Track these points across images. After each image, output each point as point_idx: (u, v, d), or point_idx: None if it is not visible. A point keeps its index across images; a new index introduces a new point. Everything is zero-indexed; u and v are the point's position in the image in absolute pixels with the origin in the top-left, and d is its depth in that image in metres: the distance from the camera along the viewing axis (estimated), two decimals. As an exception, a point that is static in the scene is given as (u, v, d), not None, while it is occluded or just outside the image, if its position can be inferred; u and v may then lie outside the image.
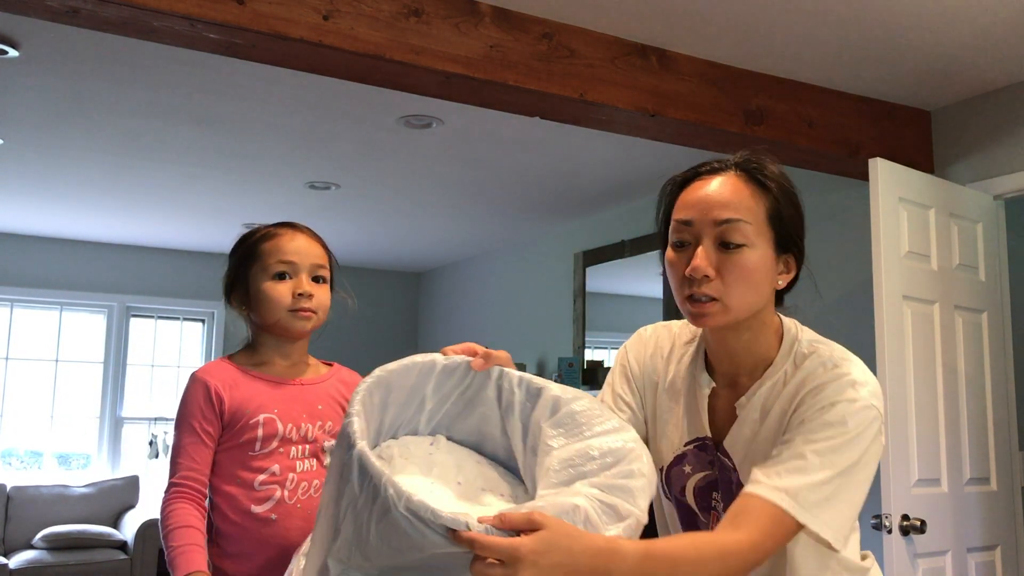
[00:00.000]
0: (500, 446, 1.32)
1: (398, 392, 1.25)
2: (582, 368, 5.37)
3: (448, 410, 1.31)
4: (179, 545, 1.58)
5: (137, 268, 6.78)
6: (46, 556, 5.49)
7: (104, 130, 4.05)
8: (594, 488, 1.14)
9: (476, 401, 1.31)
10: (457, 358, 1.30)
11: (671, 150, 3.94)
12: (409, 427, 1.30)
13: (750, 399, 1.34)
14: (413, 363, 1.26)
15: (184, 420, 1.69)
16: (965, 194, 3.32)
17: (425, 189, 5.00)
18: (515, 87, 2.74)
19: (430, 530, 0.99)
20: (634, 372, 1.49)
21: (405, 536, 1.00)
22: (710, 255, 1.28)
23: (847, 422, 1.23)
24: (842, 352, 1.33)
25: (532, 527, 1.02)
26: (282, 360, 1.77)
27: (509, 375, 1.31)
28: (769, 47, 3.02)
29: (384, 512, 1.00)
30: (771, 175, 1.32)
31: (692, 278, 1.28)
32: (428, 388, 1.28)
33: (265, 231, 1.81)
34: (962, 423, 3.13)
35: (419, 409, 1.29)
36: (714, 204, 1.29)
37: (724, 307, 1.28)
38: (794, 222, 1.33)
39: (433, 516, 0.99)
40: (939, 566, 2.97)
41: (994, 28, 2.86)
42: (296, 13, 2.42)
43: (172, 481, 1.66)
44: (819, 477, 1.20)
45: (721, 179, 1.32)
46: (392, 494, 1.00)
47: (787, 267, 1.34)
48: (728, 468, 1.35)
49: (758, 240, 1.28)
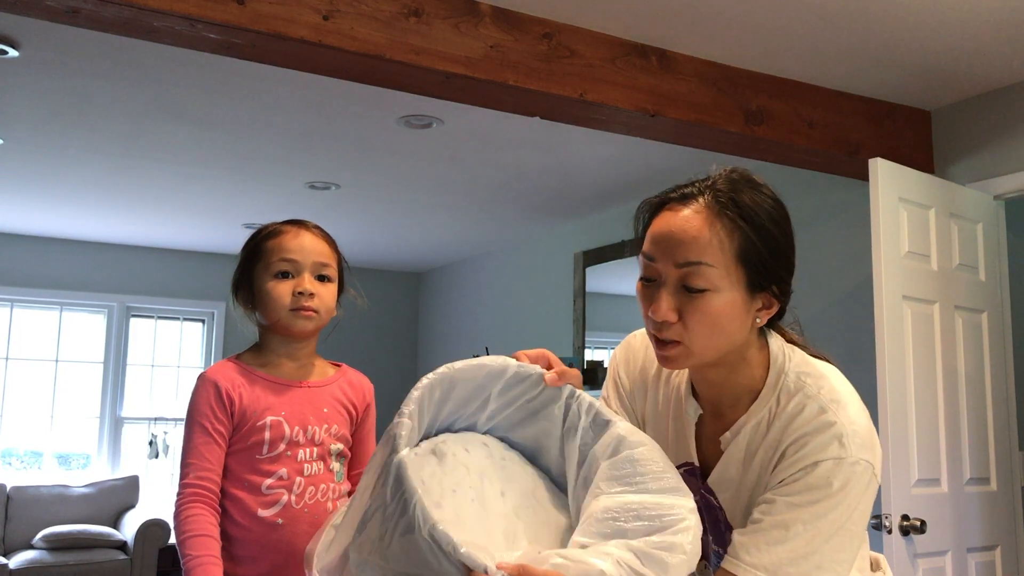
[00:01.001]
0: (554, 463, 1.29)
1: (462, 388, 1.23)
2: (582, 368, 5.37)
3: (510, 414, 1.29)
4: (197, 555, 1.56)
5: (137, 268, 6.78)
6: (46, 556, 5.49)
7: (104, 130, 4.05)
8: (629, 552, 1.06)
9: (541, 414, 1.28)
10: (531, 367, 1.26)
11: (671, 150, 3.94)
12: (467, 422, 1.28)
13: (734, 436, 1.27)
14: (483, 364, 1.23)
15: (195, 421, 1.66)
16: (965, 194, 3.32)
17: (425, 189, 5.00)
18: (515, 87, 2.74)
19: (448, 561, 0.98)
20: (624, 386, 1.44)
21: (423, 558, 0.99)
22: (671, 298, 1.20)
23: (832, 483, 1.14)
24: (831, 389, 1.23)
25: None
26: (289, 361, 1.75)
27: (580, 398, 1.27)
28: (769, 47, 3.02)
29: (408, 529, 1.00)
30: (747, 206, 1.20)
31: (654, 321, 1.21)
32: (495, 389, 1.25)
33: (271, 229, 1.79)
34: (962, 423, 3.13)
35: (481, 407, 1.27)
36: (676, 244, 1.19)
37: (687, 350, 1.21)
38: (774, 256, 1.21)
39: (454, 550, 0.98)
40: (939, 566, 2.97)
41: (994, 28, 2.86)
42: (296, 13, 2.42)
43: (185, 483, 1.63)
44: (804, 549, 1.13)
45: (689, 212, 1.20)
46: (419, 516, 0.99)
47: (767, 303, 1.24)
48: (714, 506, 1.30)
49: (724, 283, 1.18)
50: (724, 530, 1.29)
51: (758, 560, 1.14)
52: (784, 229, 1.24)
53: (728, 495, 1.28)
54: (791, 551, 1.13)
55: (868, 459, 1.18)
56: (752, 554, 1.14)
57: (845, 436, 1.17)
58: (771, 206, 1.23)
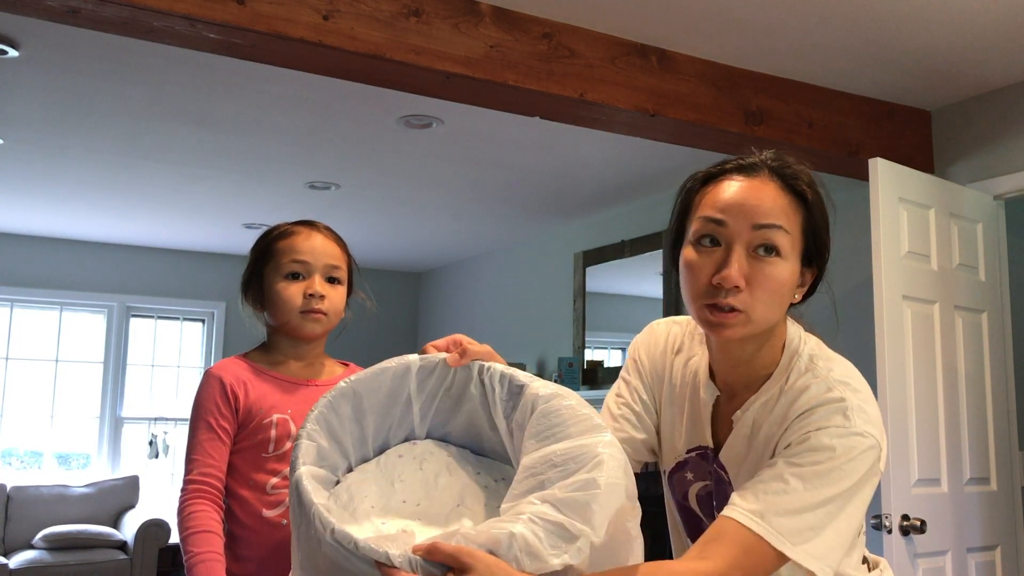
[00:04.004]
0: (495, 442, 1.25)
1: (372, 398, 1.20)
2: (582, 368, 5.37)
3: (439, 407, 1.25)
4: (199, 552, 1.56)
5: (137, 268, 6.78)
6: (46, 556, 5.49)
7: (104, 130, 4.05)
8: (546, 504, 1.02)
9: (463, 398, 1.25)
10: (434, 355, 1.23)
11: (671, 150, 3.94)
12: (402, 428, 1.26)
13: (744, 413, 1.27)
14: (383, 368, 1.21)
15: (200, 417, 1.65)
16: (965, 194, 3.32)
17: (425, 189, 5.00)
18: (515, 87, 2.74)
19: (358, 560, 0.96)
20: (644, 367, 1.43)
21: (339, 564, 0.98)
22: (742, 264, 1.19)
23: (835, 447, 1.14)
24: (842, 373, 1.24)
25: (460, 567, 0.95)
26: (297, 361, 1.75)
27: (491, 370, 1.21)
28: (769, 47, 3.02)
29: (319, 542, 0.99)
30: (805, 183, 1.24)
31: (719, 287, 1.18)
32: (410, 388, 1.23)
33: (282, 229, 1.78)
34: (962, 423, 3.13)
35: (407, 410, 1.24)
36: (753, 206, 1.20)
37: (747, 319, 1.19)
38: (825, 235, 1.26)
39: (355, 547, 0.96)
40: (939, 566, 2.97)
41: (994, 28, 2.86)
42: (296, 13, 2.42)
43: (189, 479, 1.62)
44: (800, 503, 1.12)
45: (757, 182, 1.22)
46: (318, 525, 0.98)
47: (803, 280, 1.27)
48: (724, 481, 1.30)
49: (791, 252, 1.21)
50: None
51: (752, 506, 1.13)
52: (826, 211, 1.28)
53: (735, 469, 1.29)
54: (786, 503, 1.12)
55: (874, 436, 1.17)
56: (747, 500, 1.14)
57: (851, 410, 1.17)
58: (820, 190, 1.28)
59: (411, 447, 1.25)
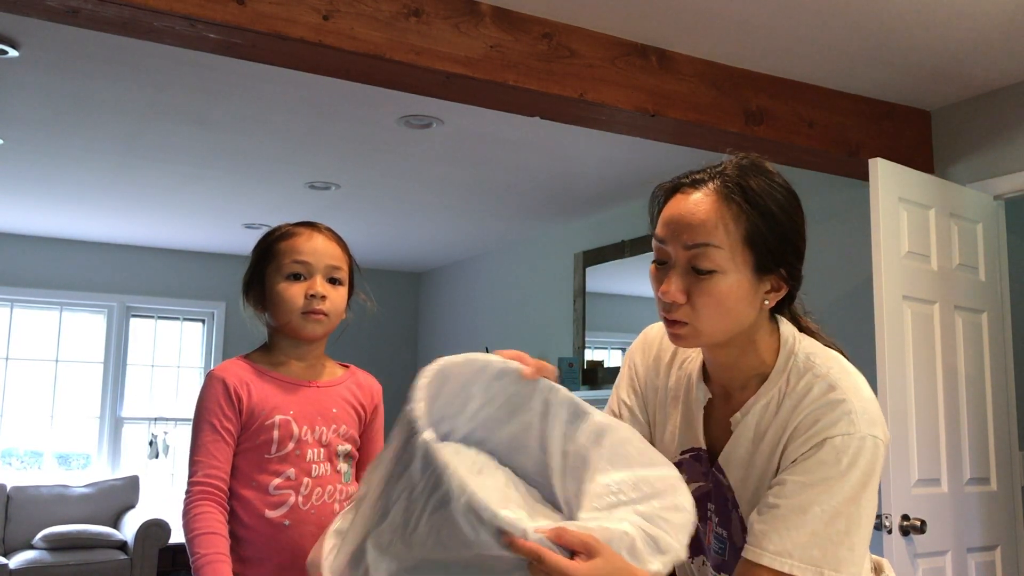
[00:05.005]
0: (533, 460, 1.30)
1: (452, 384, 1.23)
2: (582, 368, 5.37)
3: (492, 414, 1.29)
4: (205, 554, 1.56)
5: (137, 268, 6.78)
6: (46, 556, 5.49)
7: (104, 130, 4.05)
8: (638, 517, 1.13)
9: (521, 409, 1.29)
10: (512, 363, 1.27)
11: (671, 150, 3.94)
12: (450, 422, 1.27)
13: (744, 416, 1.29)
14: (472, 359, 1.24)
15: (203, 418, 1.66)
16: (965, 194, 3.32)
17: (425, 189, 5.00)
18: (515, 87, 2.74)
19: (485, 529, 0.98)
20: (639, 374, 1.46)
21: (458, 531, 0.99)
22: (681, 280, 1.23)
23: (841, 460, 1.18)
24: (840, 369, 1.26)
25: (588, 552, 1.02)
26: (298, 362, 1.75)
27: (558, 391, 1.29)
28: (769, 47, 3.02)
29: (442, 504, 0.99)
30: (754, 191, 1.23)
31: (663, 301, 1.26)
32: (478, 386, 1.26)
33: (284, 230, 1.78)
34: (962, 423, 3.13)
35: (463, 406, 1.26)
36: (685, 226, 1.23)
37: (695, 331, 1.25)
38: (781, 241, 1.24)
39: (492, 517, 0.98)
40: (939, 566, 2.97)
41: (994, 28, 2.86)
42: (296, 13, 2.42)
43: (193, 480, 1.63)
44: (824, 529, 1.16)
45: (699, 196, 1.24)
46: (455, 487, 0.99)
47: (775, 286, 1.27)
48: (723, 485, 1.32)
49: (730, 265, 1.22)
50: (731, 508, 1.30)
51: (782, 547, 1.16)
52: (792, 215, 1.26)
53: (738, 475, 1.30)
54: (812, 533, 1.16)
55: (877, 435, 1.20)
56: (775, 542, 1.17)
57: (854, 413, 1.20)
58: (780, 192, 1.26)
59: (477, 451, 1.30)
